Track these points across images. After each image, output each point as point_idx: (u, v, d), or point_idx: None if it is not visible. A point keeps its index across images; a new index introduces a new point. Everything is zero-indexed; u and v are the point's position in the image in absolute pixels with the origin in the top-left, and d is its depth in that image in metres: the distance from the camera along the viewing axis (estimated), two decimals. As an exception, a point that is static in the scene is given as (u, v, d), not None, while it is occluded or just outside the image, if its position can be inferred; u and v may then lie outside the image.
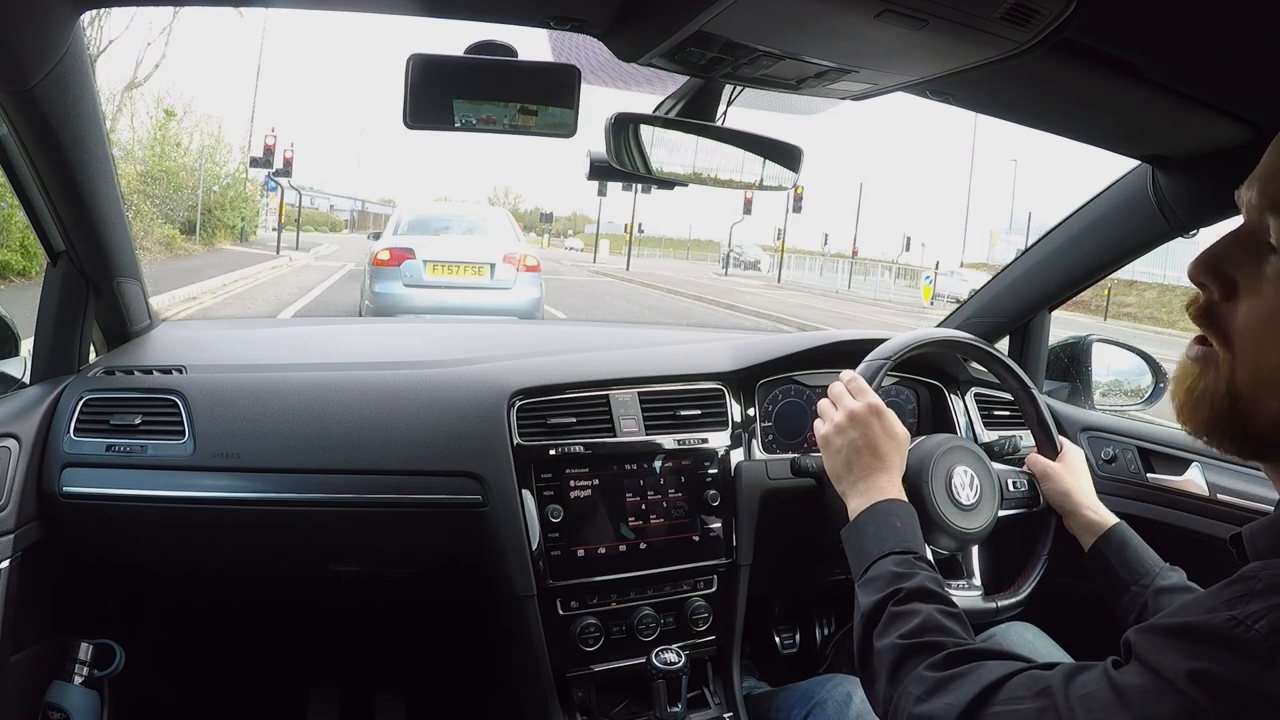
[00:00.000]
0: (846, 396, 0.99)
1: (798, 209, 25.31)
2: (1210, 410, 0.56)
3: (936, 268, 26.14)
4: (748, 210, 25.43)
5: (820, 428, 1.00)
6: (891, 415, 0.98)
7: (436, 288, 6.44)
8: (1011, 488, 1.16)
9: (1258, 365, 0.54)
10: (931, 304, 19.16)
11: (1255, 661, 0.48)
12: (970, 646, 0.70)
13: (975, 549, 1.14)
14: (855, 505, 0.92)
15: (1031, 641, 1.12)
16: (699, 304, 15.19)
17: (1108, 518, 1.05)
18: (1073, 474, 1.11)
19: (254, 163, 18.81)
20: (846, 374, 1.03)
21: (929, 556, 0.85)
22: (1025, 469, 1.17)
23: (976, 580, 1.13)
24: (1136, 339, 1.72)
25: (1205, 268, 0.56)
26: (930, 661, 0.68)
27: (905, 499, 0.92)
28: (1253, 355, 0.54)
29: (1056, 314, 1.60)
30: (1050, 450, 1.17)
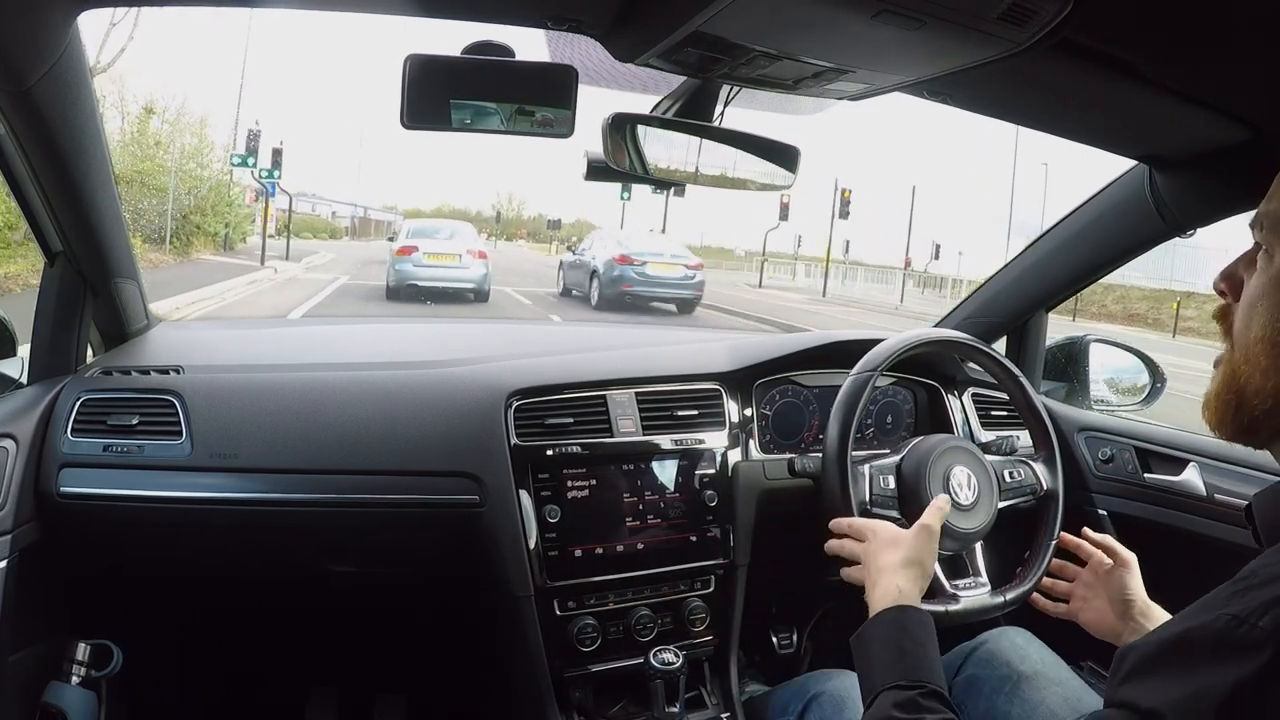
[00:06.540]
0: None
1: (844, 215, 22.30)
2: (1222, 401, 0.61)
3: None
4: (784, 215, 22.83)
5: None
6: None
7: (430, 267, 11.56)
8: (1009, 478, 1.16)
9: (1246, 345, 0.59)
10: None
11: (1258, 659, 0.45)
12: None
13: (979, 545, 1.14)
14: (871, 604, 0.87)
15: (1022, 646, 1.11)
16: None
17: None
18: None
19: (239, 160, 17.13)
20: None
21: (939, 685, 0.76)
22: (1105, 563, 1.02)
23: (983, 578, 1.13)
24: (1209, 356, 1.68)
25: (1222, 276, 0.64)
26: None
27: (921, 607, 0.85)
28: (1241, 336, 0.60)
29: (1108, 328, 1.57)
30: (1046, 447, 1.17)
